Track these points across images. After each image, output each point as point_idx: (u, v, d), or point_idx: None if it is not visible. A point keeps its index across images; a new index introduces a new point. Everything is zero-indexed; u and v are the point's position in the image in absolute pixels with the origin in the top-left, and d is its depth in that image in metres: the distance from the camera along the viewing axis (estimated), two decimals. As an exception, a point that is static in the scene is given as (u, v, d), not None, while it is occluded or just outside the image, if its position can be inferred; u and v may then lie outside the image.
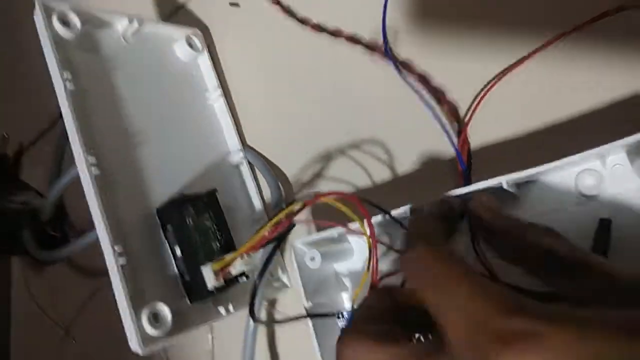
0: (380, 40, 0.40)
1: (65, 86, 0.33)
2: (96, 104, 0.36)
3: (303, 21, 0.45)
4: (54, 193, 0.52)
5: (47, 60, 0.34)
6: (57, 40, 0.35)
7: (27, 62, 0.66)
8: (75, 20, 0.36)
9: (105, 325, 0.58)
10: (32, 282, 0.63)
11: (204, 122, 0.45)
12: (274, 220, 0.35)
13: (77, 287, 0.60)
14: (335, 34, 0.44)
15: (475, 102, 0.38)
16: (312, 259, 0.37)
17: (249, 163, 0.47)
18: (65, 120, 0.34)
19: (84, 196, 0.35)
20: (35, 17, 0.35)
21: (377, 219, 0.34)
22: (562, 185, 0.34)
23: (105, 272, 0.57)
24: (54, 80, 0.34)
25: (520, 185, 0.34)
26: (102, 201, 0.33)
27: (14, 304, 0.66)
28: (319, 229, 0.40)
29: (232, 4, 0.49)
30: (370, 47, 0.42)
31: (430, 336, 0.25)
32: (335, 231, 0.36)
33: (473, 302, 0.20)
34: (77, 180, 0.50)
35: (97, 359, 0.60)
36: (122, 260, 0.32)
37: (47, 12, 0.35)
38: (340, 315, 0.35)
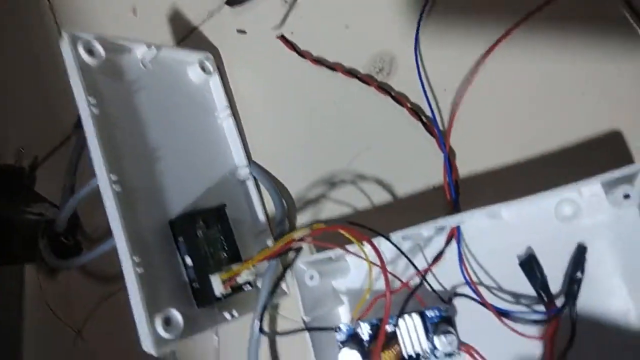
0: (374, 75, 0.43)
1: (90, 110, 0.36)
2: (117, 125, 0.39)
3: (303, 55, 0.48)
4: (69, 207, 0.54)
5: (73, 86, 0.37)
6: (82, 67, 0.37)
7: (43, 78, 0.69)
8: (99, 48, 0.39)
9: (116, 329, 0.61)
10: (45, 286, 0.65)
11: (214, 140, 0.48)
12: (279, 244, 0.38)
13: (88, 292, 0.62)
14: (334, 67, 0.46)
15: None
16: (312, 277, 0.40)
17: (255, 179, 0.49)
18: (89, 143, 0.37)
19: (96, 207, 0.37)
20: (62, 47, 0.37)
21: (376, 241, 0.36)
22: (542, 212, 0.37)
23: (115, 278, 0.60)
24: (79, 105, 0.37)
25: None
26: (122, 215, 0.35)
27: (27, 308, 0.68)
28: (319, 248, 0.43)
29: (239, 31, 0.52)
30: (365, 81, 0.44)
31: None
32: (333, 253, 0.39)
33: None
34: (90, 193, 0.54)
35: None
36: (140, 270, 0.35)
37: (73, 42, 0.38)
38: (338, 329, 0.37)
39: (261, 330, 0.37)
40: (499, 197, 0.34)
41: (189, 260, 0.40)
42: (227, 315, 0.41)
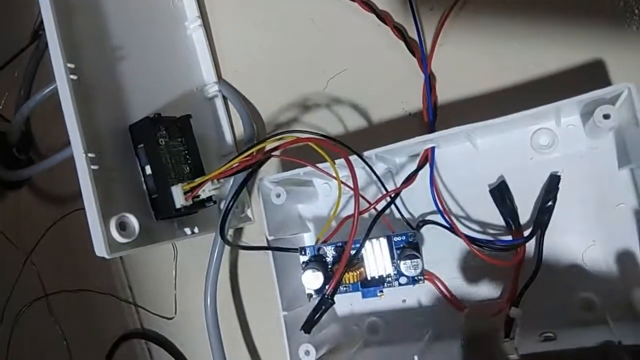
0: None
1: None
2: (78, 15, 0.36)
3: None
4: (23, 113, 0.51)
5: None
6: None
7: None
8: None
9: (66, 251, 0.59)
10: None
11: (181, 51, 0.45)
12: (248, 152, 0.35)
13: (39, 214, 0.59)
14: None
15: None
16: (278, 195, 0.38)
17: (224, 98, 0.47)
18: (46, 25, 0.33)
19: (51, 125, 0.34)
20: None
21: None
22: (518, 141, 0.36)
23: (67, 200, 0.57)
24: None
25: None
26: (77, 107, 0.32)
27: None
28: (289, 166, 0.41)
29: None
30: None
31: None
32: (301, 171, 0.37)
33: None
34: (46, 104, 0.50)
35: (55, 283, 0.59)
36: (94, 167, 0.32)
37: None
38: (302, 251, 0.36)
39: (223, 238, 0.35)
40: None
41: (148, 169, 0.38)
42: (187, 230, 0.39)
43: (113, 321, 0.58)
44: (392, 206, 0.37)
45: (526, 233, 0.35)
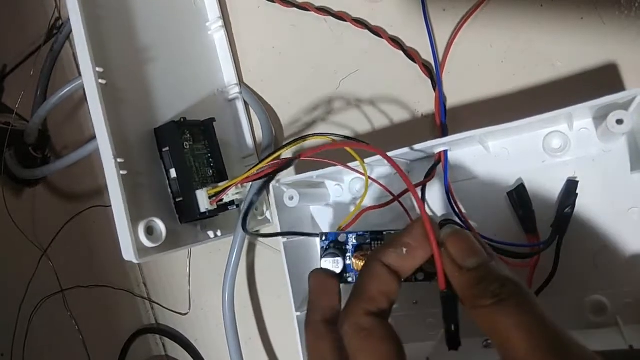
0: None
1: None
2: (105, 18, 0.34)
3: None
4: (40, 115, 0.50)
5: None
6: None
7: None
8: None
9: (81, 247, 0.58)
10: (11, 203, 0.60)
11: (203, 52, 0.44)
12: (273, 156, 0.34)
13: (55, 211, 0.58)
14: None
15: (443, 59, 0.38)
16: (291, 198, 0.37)
17: (244, 101, 0.45)
18: (74, 29, 0.32)
19: (67, 124, 0.33)
20: None
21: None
22: (531, 145, 0.34)
23: (82, 197, 0.56)
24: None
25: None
26: (106, 111, 0.31)
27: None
28: (302, 168, 0.40)
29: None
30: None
31: None
32: (315, 174, 0.36)
33: None
34: (63, 104, 0.49)
35: (70, 279, 0.59)
36: (123, 172, 0.31)
37: None
38: (324, 237, 0.34)
39: (244, 228, 0.34)
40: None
41: (173, 173, 0.36)
42: (210, 234, 0.38)
43: (128, 316, 0.57)
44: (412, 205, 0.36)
45: (541, 236, 0.34)
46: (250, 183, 0.39)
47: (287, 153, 0.37)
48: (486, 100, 0.37)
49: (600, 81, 0.34)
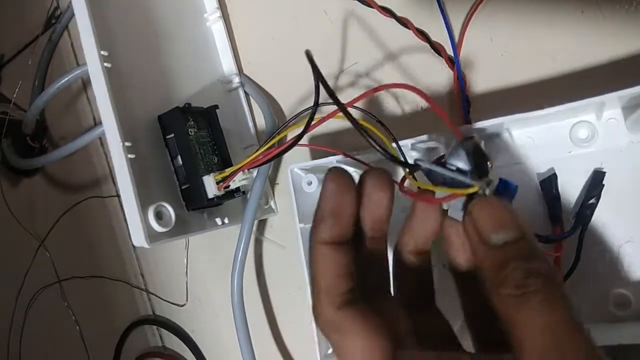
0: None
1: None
2: (109, 4, 0.33)
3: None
4: (38, 105, 0.48)
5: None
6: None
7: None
8: None
9: (79, 238, 0.56)
10: (8, 193, 0.58)
11: (202, 43, 0.43)
12: (277, 138, 0.33)
13: (53, 201, 0.56)
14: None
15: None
16: (309, 183, 0.36)
17: (244, 92, 0.44)
18: (76, 12, 0.31)
19: (65, 114, 0.31)
20: None
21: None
22: (557, 134, 0.33)
23: (79, 188, 0.55)
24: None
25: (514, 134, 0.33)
26: (112, 95, 0.30)
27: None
28: (316, 153, 0.39)
29: None
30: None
31: None
32: (334, 159, 0.35)
33: None
34: (61, 94, 0.48)
35: (68, 269, 0.57)
36: (131, 155, 0.30)
37: None
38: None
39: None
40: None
41: (179, 160, 0.35)
42: (218, 221, 0.37)
43: (125, 307, 0.56)
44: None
45: (566, 227, 0.33)
46: (257, 169, 0.39)
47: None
48: (508, 88, 0.36)
49: (631, 69, 0.32)
